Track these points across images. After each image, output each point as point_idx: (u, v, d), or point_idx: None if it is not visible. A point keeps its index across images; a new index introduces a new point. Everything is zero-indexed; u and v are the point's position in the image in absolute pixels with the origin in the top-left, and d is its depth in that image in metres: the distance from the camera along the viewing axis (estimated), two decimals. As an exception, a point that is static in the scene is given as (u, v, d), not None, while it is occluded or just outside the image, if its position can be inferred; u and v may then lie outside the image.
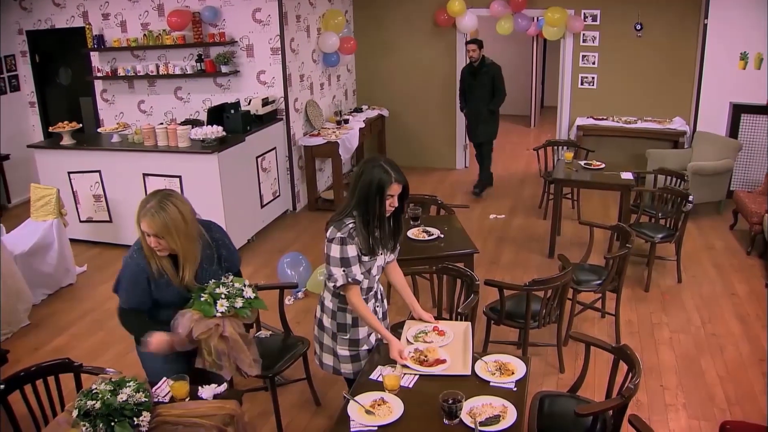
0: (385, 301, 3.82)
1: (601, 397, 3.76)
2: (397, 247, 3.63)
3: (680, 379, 4.86)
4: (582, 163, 7.37)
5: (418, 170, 10.21)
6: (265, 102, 8.04)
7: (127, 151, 7.35)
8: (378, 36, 10.31)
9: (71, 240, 6.84)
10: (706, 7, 8.46)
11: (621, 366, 3.48)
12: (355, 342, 3.54)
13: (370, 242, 3.35)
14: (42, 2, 9.03)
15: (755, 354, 5.16)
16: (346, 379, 3.67)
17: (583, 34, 9.51)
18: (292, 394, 4.77)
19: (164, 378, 3.27)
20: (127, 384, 2.95)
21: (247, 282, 3.48)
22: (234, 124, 7.53)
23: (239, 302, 3.35)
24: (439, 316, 4.38)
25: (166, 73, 8.47)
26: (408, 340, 3.53)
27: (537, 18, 9.69)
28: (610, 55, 9.48)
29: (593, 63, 9.61)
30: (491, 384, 3.16)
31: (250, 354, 3.47)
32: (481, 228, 7.84)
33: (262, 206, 8.00)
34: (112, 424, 2.80)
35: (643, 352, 5.19)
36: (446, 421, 2.88)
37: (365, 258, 3.37)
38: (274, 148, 8.21)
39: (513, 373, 3.22)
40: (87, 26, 8.61)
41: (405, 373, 3.24)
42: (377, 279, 3.56)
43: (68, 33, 9.06)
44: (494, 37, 12.18)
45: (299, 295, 6.33)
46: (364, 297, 3.48)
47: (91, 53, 8.92)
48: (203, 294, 3.32)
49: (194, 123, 7.74)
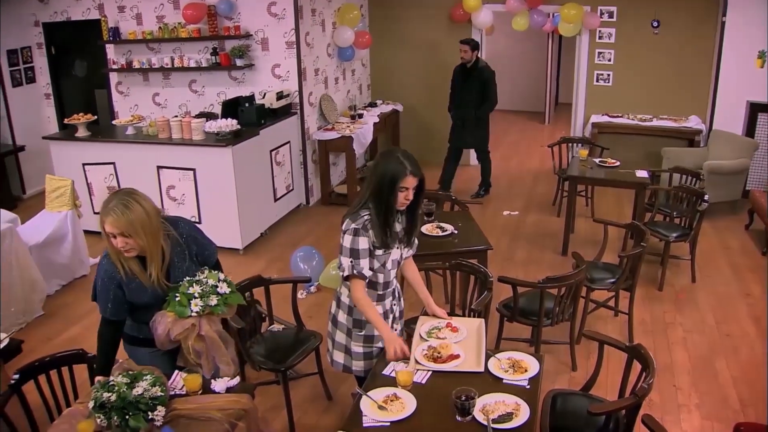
0: (402, 300, 3.81)
1: (613, 396, 3.74)
2: (415, 242, 3.62)
3: (693, 380, 4.84)
4: (597, 160, 7.33)
5: (431, 166, 10.14)
6: (280, 96, 8.04)
7: (141, 143, 7.37)
8: (393, 31, 10.29)
9: (85, 231, 6.86)
10: (725, 5, 8.40)
11: (634, 365, 3.47)
12: (370, 338, 3.53)
13: (385, 235, 3.34)
14: (58, -6, 9.08)
15: (770, 355, 5.14)
16: (357, 377, 3.65)
17: (599, 31, 9.46)
18: (304, 388, 4.78)
19: (176, 371, 3.29)
20: (144, 377, 2.95)
21: (222, 276, 3.42)
22: (248, 117, 7.54)
23: (214, 300, 3.30)
24: (452, 313, 4.37)
25: (180, 65, 8.49)
26: (421, 336, 3.52)
27: (553, 14, 9.67)
28: (626, 52, 9.43)
29: (609, 60, 9.55)
30: (504, 381, 3.15)
31: (228, 353, 3.43)
32: (495, 225, 7.82)
33: (276, 200, 8.01)
34: (127, 417, 2.81)
35: (656, 352, 5.16)
36: (459, 418, 2.87)
37: (378, 252, 3.36)
38: (288, 141, 8.21)
39: (526, 371, 3.21)
40: (103, 18, 8.64)
41: (418, 369, 3.24)
42: (394, 274, 3.54)
43: (84, 25, 9.09)
44: (509, 33, 12.17)
45: (312, 289, 6.34)
46: (381, 293, 3.48)
47: (107, 45, 8.95)
48: (177, 294, 3.28)
49: (208, 116, 7.75)
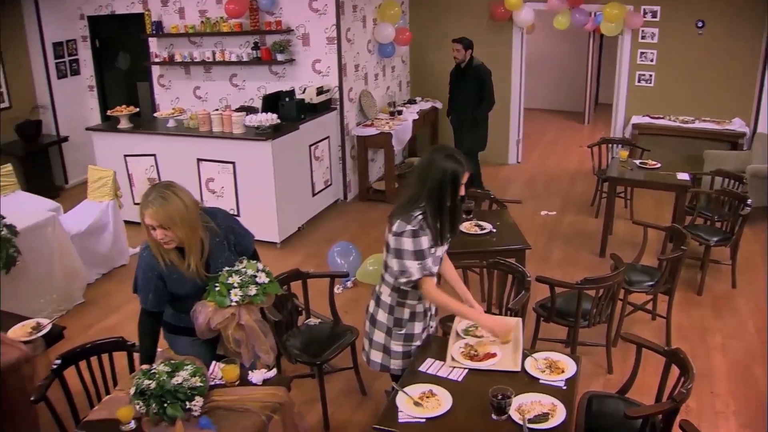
0: None
1: (648, 400, 3.70)
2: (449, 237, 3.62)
3: (731, 387, 4.77)
4: (637, 162, 7.25)
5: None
6: (320, 91, 8.07)
7: (182, 136, 7.46)
8: (433, 28, 10.26)
9: (125, 222, 6.96)
10: (772, 6, 8.26)
11: (672, 370, 3.43)
12: (410, 337, 3.53)
13: (441, 233, 3.34)
14: (104, -13, 9.22)
15: (811, 363, 5.04)
16: (393, 375, 3.65)
17: (642, 31, 9.34)
18: (338, 382, 4.81)
19: (214, 362, 3.33)
20: (185, 367, 2.99)
21: (261, 266, 3.46)
22: (288, 112, 7.58)
23: (252, 290, 3.34)
24: (488, 311, 4.36)
25: (222, 59, 8.56)
26: (458, 334, 3.52)
27: (595, 13, 9.57)
28: (669, 53, 9.30)
29: (651, 60, 9.44)
30: (541, 381, 3.14)
31: (267, 341, 3.47)
32: (532, 224, 7.78)
33: (314, 195, 8.05)
34: (165, 405, 2.86)
35: (694, 357, 5.03)
36: (495, 417, 2.87)
37: (432, 249, 3.36)
38: (327, 137, 8.24)
39: (563, 372, 3.19)
40: (146, 12, 8.75)
41: (454, 367, 3.24)
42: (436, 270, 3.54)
43: (128, 19, 9.22)
44: (550, 32, 12.09)
45: (348, 284, 6.36)
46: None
47: (150, 39, 9.07)
48: (217, 284, 3.33)
49: (249, 110, 7.81)
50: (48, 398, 3.31)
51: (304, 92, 8.09)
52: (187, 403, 2.89)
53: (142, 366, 3.20)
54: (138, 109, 8.10)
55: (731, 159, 8.24)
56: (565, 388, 3.09)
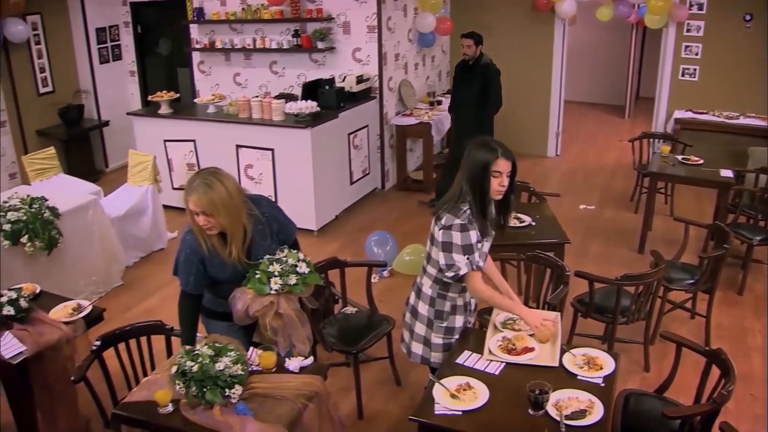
0: None
1: (686, 400, 3.65)
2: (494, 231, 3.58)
3: (772, 389, 4.69)
4: (679, 157, 7.14)
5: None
6: (360, 79, 8.06)
7: (221, 122, 7.50)
8: (474, 18, 10.16)
9: (164, 206, 7.05)
10: (823, 0, 8.06)
11: (712, 370, 3.38)
12: (450, 330, 3.52)
13: (484, 224, 3.32)
14: (147, -27, 9.29)
15: None
16: (432, 368, 3.64)
17: (687, 24, 9.17)
18: (373, 371, 4.82)
19: (252, 348, 3.35)
20: (228, 353, 3.01)
21: (302, 256, 3.47)
22: (328, 100, 7.58)
23: (293, 279, 3.35)
24: (526, 305, 4.33)
25: (262, 47, 8.57)
26: (496, 326, 3.50)
27: (638, 5, 9.42)
28: (715, 47, 9.11)
29: (696, 54, 9.26)
30: (578, 377, 3.11)
31: (304, 331, 3.49)
32: (570, 218, 7.69)
33: (352, 183, 8.06)
34: (204, 390, 2.88)
35: (733, 358, 4.96)
36: (531, 412, 2.85)
37: (479, 244, 3.34)
38: (367, 125, 8.24)
39: (601, 368, 3.16)
40: (188, -1, 8.81)
41: (491, 360, 3.23)
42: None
43: (169, 5, 9.31)
44: (592, 23, 11.92)
45: (385, 273, 6.36)
46: (465, 284, 3.44)
47: (191, 25, 9.10)
48: (257, 272, 3.34)
49: (288, 97, 7.83)
50: (88, 378, 3.37)
51: (343, 80, 8.08)
52: (227, 390, 2.91)
53: (185, 346, 3.23)
54: (178, 95, 8.16)
55: (776, 156, 8.08)
56: (603, 385, 3.06)
